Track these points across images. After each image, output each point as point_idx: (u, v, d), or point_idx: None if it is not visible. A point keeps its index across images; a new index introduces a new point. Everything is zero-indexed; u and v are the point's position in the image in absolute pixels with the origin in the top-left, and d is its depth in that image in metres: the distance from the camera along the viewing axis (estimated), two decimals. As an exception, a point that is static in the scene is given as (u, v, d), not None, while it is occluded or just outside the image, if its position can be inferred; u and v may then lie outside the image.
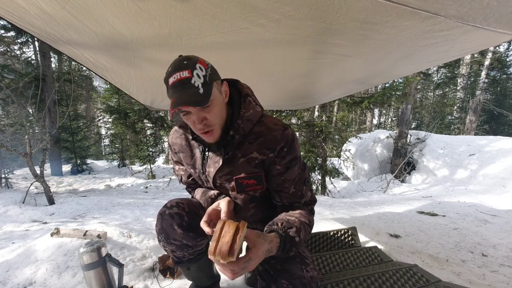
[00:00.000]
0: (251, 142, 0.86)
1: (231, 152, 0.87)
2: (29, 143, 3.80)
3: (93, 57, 1.34)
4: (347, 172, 8.00)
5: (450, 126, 12.56)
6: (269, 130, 0.85)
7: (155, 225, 1.01)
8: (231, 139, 0.85)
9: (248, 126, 0.86)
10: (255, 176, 0.88)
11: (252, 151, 0.85)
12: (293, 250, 0.80)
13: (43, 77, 6.87)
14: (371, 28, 1.10)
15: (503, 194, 3.92)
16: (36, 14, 0.94)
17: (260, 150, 0.85)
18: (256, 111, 0.88)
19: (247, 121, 0.85)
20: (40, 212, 3.07)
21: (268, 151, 0.85)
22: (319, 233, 1.83)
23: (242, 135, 0.86)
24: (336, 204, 3.53)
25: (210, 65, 0.80)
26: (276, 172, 0.87)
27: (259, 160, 0.86)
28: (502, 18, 0.99)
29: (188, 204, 1.02)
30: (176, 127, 1.04)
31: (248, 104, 0.87)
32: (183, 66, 0.74)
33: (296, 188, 0.89)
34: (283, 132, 0.84)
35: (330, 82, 2.03)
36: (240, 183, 0.89)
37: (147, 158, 8.08)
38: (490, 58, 10.84)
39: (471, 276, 1.53)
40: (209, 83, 0.76)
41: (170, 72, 0.76)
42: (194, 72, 0.74)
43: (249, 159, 0.86)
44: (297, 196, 0.90)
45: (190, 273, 1.17)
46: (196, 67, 0.75)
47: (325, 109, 5.47)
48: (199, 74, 0.74)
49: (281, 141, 0.84)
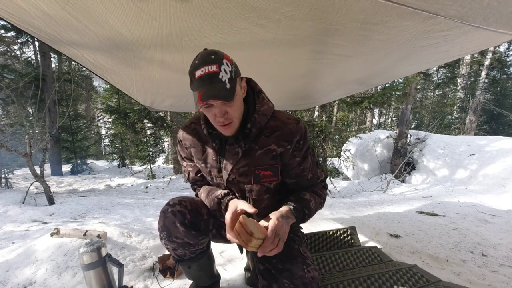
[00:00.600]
0: (267, 136, 0.90)
1: (248, 145, 0.91)
2: (29, 143, 3.80)
3: (93, 58, 1.34)
4: (347, 172, 8.00)
5: (450, 126, 12.56)
6: (284, 124, 0.90)
7: (157, 222, 1.02)
8: (249, 132, 0.89)
9: (263, 120, 0.90)
10: (272, 167, 0.93)
11: (269, 143, 0.90)
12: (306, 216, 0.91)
13: (43, 77, 6.87)
14: (371, 29, 1.10)
15: (503, 194, 3.92)
16: (36, 15, 0.94)
17: (278, 143, 0.90)
18: (269, 106, 0.93)
19: (262, 115, 0.90)
20: (40, 212, 3.07)
21: (286, 143, 0.90)
22: (318, 232, 1.83)
23: (258, 129, 0.90)
24: (336, 204, 3.53)
25: (233, 61, 0.83)
26: (296, 164, 0.94)
27: (277, 153, 0.91)
28: (502, 18, 0.99)
29: (190, 202, 1.03)
30: (186, 124, 1.05)
31: (262, 99, 0.92)
32: (211, 61, 0.76)
33: (313, 173, 0.98)
34: (297, 125, 0.91)
35: (330, 82, 2.03)
36: (257, 174, 0.93)
37: (147, 158, 8.08)
38: (490, 58, 10.84)
39: (471, 276, 1.53)
40: (234, 79, 0.79)
41: (198, 65, 0.77)
42: (221, 67, 0.76)
43: (266, 151, 0.90)
44: (314, 179, 0.99)
45: (190, 272, 1.17)
46: (223, 62, 0.77)
47: (325, 109, 5.47)
48: (226, 69, 0.77)
49: (297, 133, 0.90)
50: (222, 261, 1.71)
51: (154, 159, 8.45)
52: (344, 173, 8.05)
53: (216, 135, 0.94)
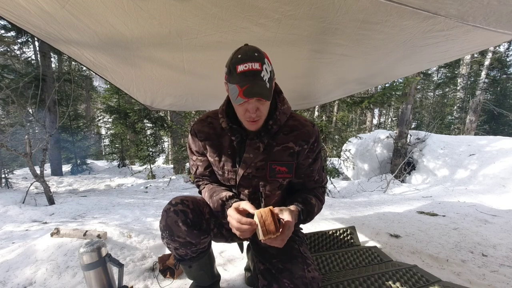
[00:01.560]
0: (285, 134, 0.95)
1: (267, 141, 0.94)
2: (29, 143, 3.79)
3: (93, 57, 1.34)
4: (347, 172, 8.00)
5: (450, 126, 12.56)
6: (303, 125, 0.96)
7: (160, 222, 1.01)
8: (270, 129, 0.93)
9: (283, 119, 0.95)
10: (288, 164, 0.96)
11: (288, 141, 0.95)
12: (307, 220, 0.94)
13: (43, 77, 6.87)
14: (371, 28, 1.10)
15: (503, 194, 3.92)
16: (36, 14, 0.94)
17: (297, 142, 0.94)
18: (288, 106, 0.97)
19: (283, 114, 0.94)
20: (40, 212, 3.07)
21: (303, 143, 0.95)
22: (317, 232, 1.82)
23: (279, 126, 0.94)
24: (336, 204, 3.53)
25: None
26: (307, 163, 0.98)
27: (294, 151, 0.95)
28: (502, 17, 0.99)
29: (192, 202, 1.02)
30: (202, 117, 1.05)
31: (283, 99, 0.97)
32: (255, 58, 0.78)
33: (319, 175, 1.02)
34: (313, 128, 0.97)
35: (330, 82, 2.03)
36: (273, 169, 0.95)
37: (147, 158, 8.07)
38: (490, 58, 10.82)
39: (471, 276, 1.53)
40: (272, 79, 0.84)
41: (241, 59, 0.79)
42: (263, 66, 0.79)
43: (284, 148, 0.94)
44: (319, 181, 1.03)
45: (191, 272, 1.17)
46: (265, 61, 0.80)
47: (325, 109, 5.48)
48: (267, 69, 0.80)
49: (313, 135, 0.95)
50: (222, 261, 1.70)
51: (154, 159, 8.45)
52: (344, 173, 8.05)
53: (237, 130, 0.95)
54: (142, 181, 6.59)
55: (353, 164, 7.28)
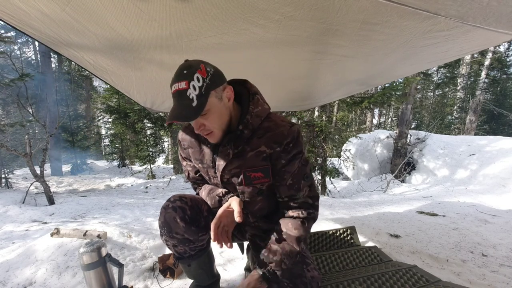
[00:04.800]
0: (259, 137, 0.89)
1: (241, 147, 0.90)
2: (29, 143, 3.80)
3: (93, 60, 1.34)
4: (347, 172, 8.00)
5: (450, 126, 12.55)
6: (277, 126, 0.89)
7: (158, 219, 1.03)
8: (241, 134, 0.89)
9: (256, 122, 0.89)
10: (262, 169, 0.91)
11: (260, 144, 0.89)
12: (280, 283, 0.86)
13: (43, 77, 6.87)
14: (372, 29, 1.10)
15: (503, 194, 3.92)
16: (36, 17, 0.94)
17: (268, 144, 0.88)
18: (264, 108, 0.92)
19: (256, 116, 0.89)
20: (40, 212, 3.07)
21: (275, 145, 0.88)
22: (318, 232, 1.83)
23: (251, 130, 0.89)
24: (336, 204, 3.53)
25: (211, 72, 0.81)
26: (280, 166, 0.90)
27: (267, 154, 0.89)
28: (502, 18, 0.99)
29: (191, 199, 1.05)
30: (185, 125, 1.08)
31: (257, 101, 0.91)
32: (182, 77, 0.78)
33: (294, 181, 0.91)
34: (290, 128, 0.88)
35: (330, 83, 2.03)
36: (247, 176, 0.92)
37: (147, 158, 8.07)
38: (490, 58, 10.81)
39: (471, 276, 1.53)
40: (205, 94, 0.78)
41: (172, 80, 0.80)
42: (191, 83, 0.77)
43: (257, 152, 0.89)
44: (294, 188, 0.91)
45: (190, 271, 1.18)
46: (194, 77, 0.77)
47: (325, 109, 5.47)
48: (195, 85, 0.77)
49: (288, 136, 0.87)
50: (222, 261, 1.71)
51: (154, 159, 8.45)
52: (344, 173, 8.06)
53: None
54: (142, 181, 6.59)
55: (353, 164, 7.29)
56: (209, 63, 0.83)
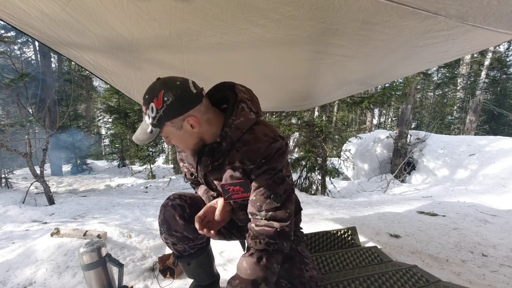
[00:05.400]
0: (238, 150, 0.83)
1: (221, 159, 0.86)
2: (29, 143, 3.80)
3: (93, 59, 1.34)
4: (347, 172, 8.00)
5: (450, 126, 12.55)
6: (256, 141, 0.81)
7: (158, 217, 1.04)
8: (218, 146, 0.84)
9: (236, 135, 0.83)
10: (241, 183, 0.85)
11: (235, 159, 0.83)
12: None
13: (43, 77, 6.87)
14: (372, 28, 1.10)
15: (503, 194, 3.92)
16: (35, 16, 0.93)
17: (242, 160, 0.82)
18: (248, 118, 0.84)
19: (236, 129, 0.82)
20: (40, 212, 3.07)
21: (249, 162, 0.81)
22: (318, 232, 1.82)
23: (230, 143, 0.83)
24: (336, 204, 3.53)
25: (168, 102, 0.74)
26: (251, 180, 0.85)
27: (242, 169, 0.84)
28: (502, 17, 0.99)
29: (190, 197, 1.07)
30: None
31: (241, 111, 0.83)
32: (144, 100, 0.78)
33: (257, 197, 0.82)
34: (269, 145, 0.80)
35: (330, 83, 2.03)
36: (226, 190, 0.87)
37: (147, 158, 8.08)
38: (490, 58, 10.81)
39: (471, 276, 1.53)
40: (158, 124, 0.77)
41: None
42: (148, 110, 0.77)
43: (233, 167, 0.84)
44: (255, 206, 0.82)
45: (190, 269, 1.18)
46: (150, 106, 0.76)
47: (325, 109, 5.47)
48: (150, 114, 0.77)
49: (264, 153, 0.80)
50: (222, 261, 1.70)
51: (154, 159, 8.46)
52: (344, 173, 8.06)
53: None
54: (142, 181, 6.59)
55: (353, 164, 7.29)
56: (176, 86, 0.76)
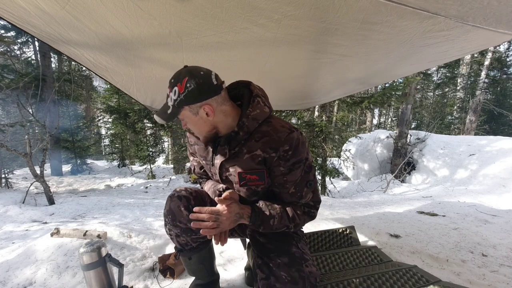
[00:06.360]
0: (256, 140, 0.90)
1: (238, 148, 0.92)
2: (29, 143, 3.80)
3: (93, 57, 1.34)
4: (347, 172, 8.00)
5: (450, 126, 12.55)
6: (275, 131, 0.89)
7: (164, 208, 1.07)
8: (235, 135, 0.91)
9: (253, 125, 0.90)
10: (257, 172, 0.92)
11: (256, 148, 0.90)
12: (261, 227, 0.90)
13: (43, 77, 6.87)
14: (371, 28, 1.10)
15: (503, 194, 3.92)
16: (36, 14, 0.94)
17: (264, 149, 0.89)
18: (263, 111, 0.91)
19: (252, 119, 0.89)
20: (40, 212, 3.07)
21: (271, 150, 0.88)
22: (317, 232, 1.83)
23: (247, 133, 0.90)
24: (336, 204, 3.53)
25: (190, 88, 0.82)
26: (279, 173, 0.90)
27: (262, 158, 0.90)
28: (502, 18, 0.99)
29: (195, 190, 1.10)
30: None
31: (256, 104, 0.91)
32: (170, 83, 0.86)
33: (296, 189, 0.92)
34: (288, 135, 0.87)
35: (330, 82, 2.03)
36: (243, 177, 0.93)
37: (147, 158, 8.08)
38: (490, 58, 10.80)
39: (471, 276, 1.53)
40: (177, 107, 0.86)
41: None
42: (171, 93, 0.85)
43: (253, 155, 0.90)
44: (296, 196, 0.93)
45: (191, 265, 1.19)
46: (173, 89, 0.84)
47: (325, 109, 5.48)
48: (172, 97, 0.85)
49: (285, 143, 0.86)
50: (222, 261, 1.70)
51: (154, 159, 8.46)
52: (344, 173, 8.06)
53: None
54: (142, 181, 6.59)
55: (353, 164, 7.29)
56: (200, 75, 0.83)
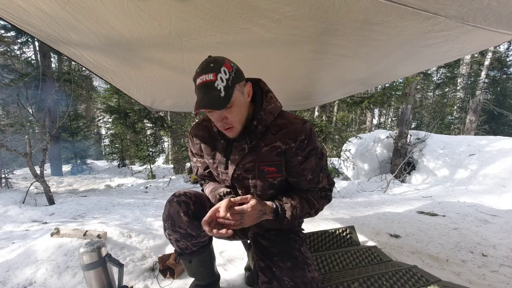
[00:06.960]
0: (273, 133, 0.94)
1: (255, 142, 0.94)
2: (29, 143, 3.80)
3: (93, 58, 1.34)
4: (347, 172, 7.99)
5: (450, 126, 12.55)
6: (291, 123, 0.94)
7: (163, 212, 1.06)
8: (254, 129, 0.93)
9: (269, 118, 0.94)
10: (276, 164, 0.95)
11: (275, 140, 0.93)
12: (285, 220, 0.92)
13: (43, 77, 6.87)
14: (371, 29, 1.10)
15: (503, 194, 3.91)
16: (36, 15, 0.94)
17: (284, 140, 0.92)
18: (276, 105, 0.97)
19: (269, 113, 0.94)
20: (40, 212, 3.07)
21: (290, 141, 0.92)
22: (317, 232, 1.83)
23: (264, 126, 0.93)
24: (336, 204, 3.53)
25: (235, 67, 0.86)
26: (297, 162, 0.95)
27: (282, 149, 0.93)
28: (502, 18, 0.99)
29: (195, 195, 1.08)
30: (198, 121, 1.12)
31: (270, 99, 0.96)
32: (209, 69, 0.82)
33: (313, 175, 0.97)
34: (303, 126, 0.93)
35: (330, 82, 2.03)
36: (261, 170, 0.96)
37: (147, 158, 8.08)
38: (490, 58, 10.80)
39: (471, 276, 1.53)
40: (231, 86, 0.83)
41: (198, 73, 0.84)
42: (218, 75, 0.81)
43: (272, 147, 0.93)
44: (314, 182, 0.98)
45: (191, 267, 1.19)
46: (221, 70, 0.82)
47: (325, 109, 5.48)
48: (223, 77, 0.81)
49: (302, 133, 0.92)
50: (222, 261, 1.70)
51: (154, 159, 8.46)
52: (344, 173, 8.05)
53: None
54: (142, 181, 6.59)
55: (353, 164, 7.28)
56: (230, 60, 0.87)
